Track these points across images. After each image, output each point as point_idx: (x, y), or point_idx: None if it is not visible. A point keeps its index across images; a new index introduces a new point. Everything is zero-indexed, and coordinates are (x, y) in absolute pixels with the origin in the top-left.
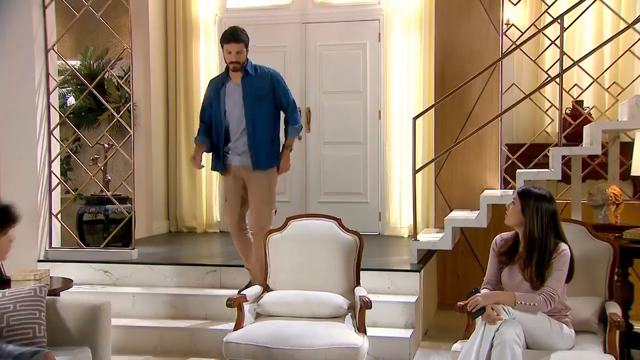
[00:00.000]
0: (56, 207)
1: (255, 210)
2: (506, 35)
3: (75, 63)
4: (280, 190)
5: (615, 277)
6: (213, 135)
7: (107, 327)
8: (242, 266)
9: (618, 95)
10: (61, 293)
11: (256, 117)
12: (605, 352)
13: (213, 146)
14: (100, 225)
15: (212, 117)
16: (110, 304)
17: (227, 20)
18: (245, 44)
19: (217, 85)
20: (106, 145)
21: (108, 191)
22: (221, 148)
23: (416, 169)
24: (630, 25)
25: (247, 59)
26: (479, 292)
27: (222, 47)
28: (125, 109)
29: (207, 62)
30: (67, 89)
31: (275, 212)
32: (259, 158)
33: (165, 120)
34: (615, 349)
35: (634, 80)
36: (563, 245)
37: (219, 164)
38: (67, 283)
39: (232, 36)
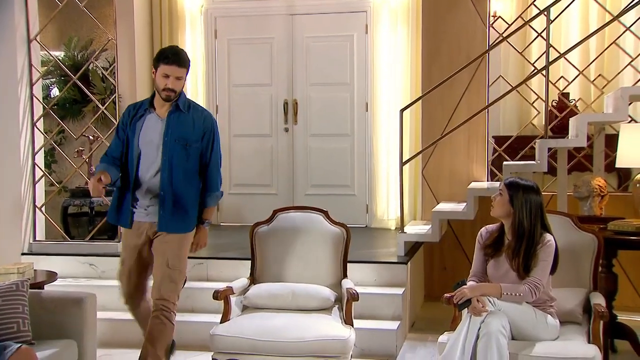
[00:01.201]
0: (40, 199)
1: (160, 276)
2: (493, 28)
3: (59, 54)
4: (267, 183)
5: (600, 268)
6: (127, 176)
7: (92, 321)
8: (230, 259)
9: (603, 87)
10: (45, 286)
11: (175, 164)
12: (589, 342)
13: (117, 189)
14: (85, 218)
15: (128, 153)
16: (96, 297)
17: (214, 12)
18: (187, 71)
19: (134, 113)
20: (91, 137)
21: None
22: (129, 196)
23: (403, 161)
24: (615, 18)
25: (182, 90)
26: (465, 285)
27: (155, 67)
28: (110, 100)
29: (194, 54)
30: (51, 80)
31: (185, 282)
32: (170, 217)
33: None
34: (599, 339)
35: (619, 73)
36: (548, 236)
37: (125, 217)
38: (52, 276)
39: (175, 57)
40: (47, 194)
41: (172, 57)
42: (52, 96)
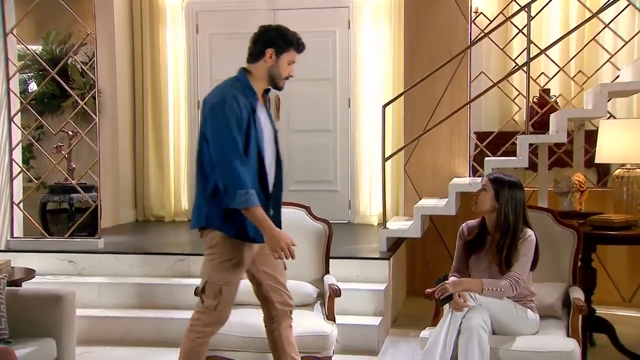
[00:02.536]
0: (18, 196)
1: (284, 279)
2: (475, 24)
3: (37, 48)
4: None
5: (579, 263)
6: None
7: (71, 318)
8: None
9: (583, 83)
10: (23, 284)
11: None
12: (568, 336)
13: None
14: (64, 215)
15: (249, 153)
16: (75, 294)
17: (195, 6)
18: None
19: (248, 102)
20: (70, 132)
21: (72, 180)
22: (266, 200)
23: (386, 157)
24: (594, 15)
25: None
26: (447, 280)
27: (279, 51)
28: (90, 95)
29: (175, 48)
30: (28, 74)
31: None
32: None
33: (131, 107)
34: (577, 332)
35: (598, 69)
36: (529, 231)
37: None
38: (30, 273)
39: (303, 43)
40: (25, 190)
41: (302, 44)
42: (29, 91)
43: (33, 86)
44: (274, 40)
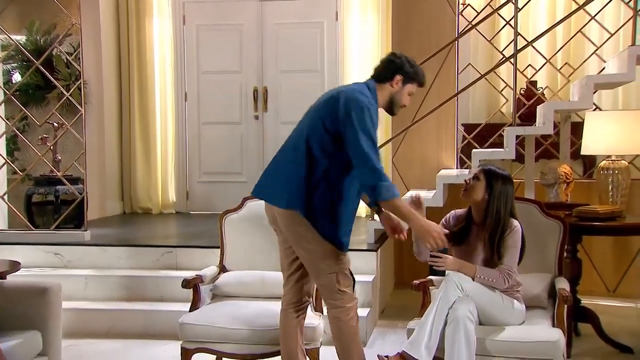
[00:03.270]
0: (2, 188)
1: None
2: (462, 15)
3: (21, 38)
4: (237, 171)
5: (565, 254)
6: None
7: (57, 311)
8: (200, 247)
9: (569, 75)
10: (8, 276)
11: None
12: (553, 326)
13: None
14: (50, 207)
15: None
16: (61, 287)
17: None
18: None
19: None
20: (56, 124)
21: (58, 171)
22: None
23: None
24: (580, 7)
25: None
26: (445, 252)
27: (406, 81)
28: (75, 86)
29: (161, 40)
30: (12, 65)
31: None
32: None
33: (118, 98)
34: (563, 322)
35: (584, 61)
36: (515, 222)
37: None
38: (15, 266)
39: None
40: (10, 182)
41: (425, 80)
42: (13, 82)
43: (17, 77)
44: (406, 70)
